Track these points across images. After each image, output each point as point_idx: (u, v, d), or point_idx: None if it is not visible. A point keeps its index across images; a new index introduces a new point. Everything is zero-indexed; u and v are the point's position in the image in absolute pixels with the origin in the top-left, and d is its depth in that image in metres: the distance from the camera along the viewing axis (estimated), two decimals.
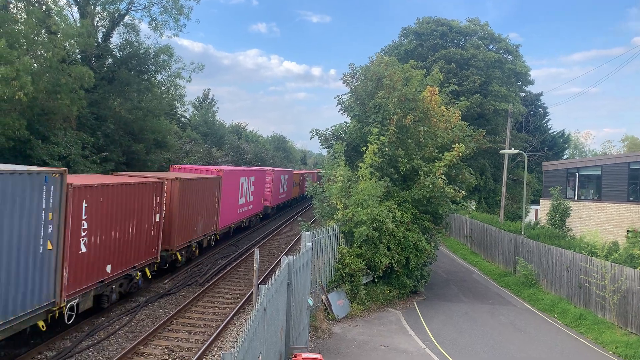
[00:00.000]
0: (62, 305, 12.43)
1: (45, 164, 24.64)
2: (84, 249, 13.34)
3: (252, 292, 16.85)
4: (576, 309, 18.98)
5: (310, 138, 30.27)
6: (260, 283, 16.26)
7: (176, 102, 41.57)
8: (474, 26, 48.25)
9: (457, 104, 24.89)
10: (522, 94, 52.38)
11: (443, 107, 22.57)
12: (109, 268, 14.87)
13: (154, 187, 17.78)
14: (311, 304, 13.58)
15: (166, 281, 19.70)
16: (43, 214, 11.43)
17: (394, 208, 19.32)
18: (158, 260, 18.60)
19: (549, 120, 59.31)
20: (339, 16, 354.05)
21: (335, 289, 17.14)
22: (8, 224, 10.31)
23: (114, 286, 15.54)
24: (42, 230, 11.41)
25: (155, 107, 35.65)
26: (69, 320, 12.90)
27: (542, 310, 19.98)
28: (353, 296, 17.57)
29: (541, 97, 58.43)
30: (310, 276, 14.22)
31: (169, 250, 19.58)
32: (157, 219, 18.10)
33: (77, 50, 30.37)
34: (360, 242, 17.91)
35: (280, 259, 21.77)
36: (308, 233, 14.62)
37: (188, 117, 63.82)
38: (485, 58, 44.18)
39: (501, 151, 30.30)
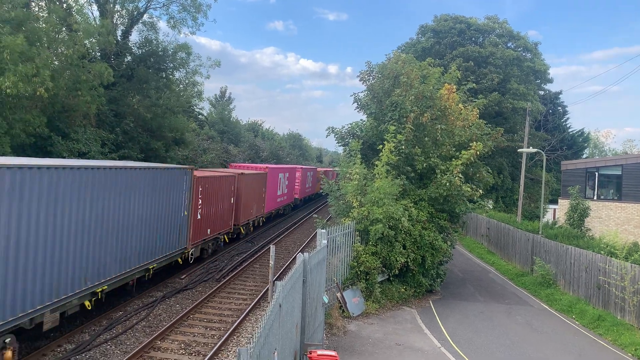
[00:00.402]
0: (188, 250, 19.72)
1: None
2: (199, 217, 20.72)
3: (267, 289, 16.94)
4: (595, 310, 18.75)
5: (327, 136, 30.70)
6: (275, 279, 16.35)
7: (194, 98, 41.96)
8: (493, 24, 47.82)
9: (475, 102, 24.70)
10: (541, 92, 51.79)
11: (461, 105, 22.41)
12: (208, 231, 22.18)
13: (232, 179, 25.39)
14: (326, 301, 13.61)
15: (183, 277, 19.89)
16: (183, 194, 18.81)
17: (410, 206, 19.25)
18: (231, 231, 25.98)
19: (568, 119, 58.62)
20: (355, 14, 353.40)
21: (350, 286, 17.15)
22: (171, 198, 17.83)
23: (210, 244, 22.95)
24: (183, 203, 18.89)
25: (174, 105, 35.98)
26: (191, 260, 20.41)
27: (560, 311, 19.77)
28: (368, 294, 17.56)
29: (560, 96, 57.72)
30: (325, 274, 14.25)
31: (237, 225, 26.72)
32: (232, 201, 25.50)
33: (97, 48, 30.73)
34: (375, 241, 17.89)
35: (295, 256, 21.85)
36: (323, 231, 14.65)
37: (205, 114, 64.26)
38: (504, 56, 43.76)
39: (519, 150, 29.99)
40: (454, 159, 20.16)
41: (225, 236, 25.04)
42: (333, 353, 10.51)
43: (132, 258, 15.33)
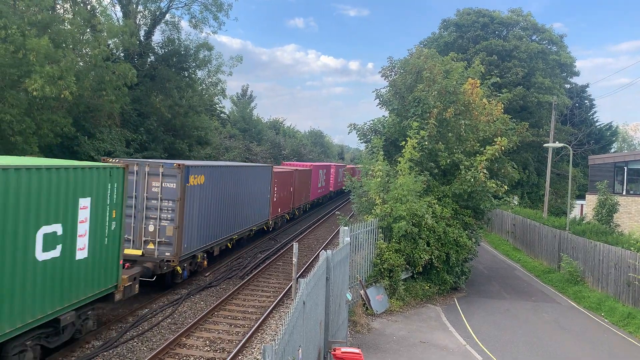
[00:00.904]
0: (269, 222, 28.43)
1: (92, 159, 25.46)
2: (275, 199, 29.38)
3: (290, 286, 16.96)
4: (624, 307, 18.32)
5: (348, 133, 30.93)
6: (299, 277, 16.36)
7: (218, 96, 42.34)
8: (516, 17, 47.04)
9: (499, 96, 24.33)
10: (567, 86, 50.76)
11: (485, 100, 22.09)
12: (279, 210, 30.93)
13: (291, 173, 34.15)
14: (350, 298, 13.57)
15: (207, 274, 20.06)
16: (268, 183, 27.60)
17: (434, 203, 19.06)
18: (290, 211, 34.63)
19: (595, 112, 57.42)
20: (377, 9, 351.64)
21: (374, 284, 17.07)
22: (259, 187, 25.84)
23: (279, 220, 31.59)
24: (268, 189, 27.65)
25: (196, 104, 36.28)
26: (271, 231, 29.85)
27: (588, 309, 19.38)
28: (392, 291, 17.46)
29: (587, 89, 56.53)
30: (348, 271, 14.20)
31: (293, 208, 35.47)
32: (291, 190, 34.14)
33: (121, 48, 31.18)
34: (399, 238, 17.76)
35: (318, 253, 21.85)
36: (346, 228, 14.59)
37: (227, 113, 64.71)
38: (528, 49, 43.02)
39: (545, 145, 29.46)
40: (478, 155, 19.89)
41: (287, 215, 33.86)
42: (357, 350, 10.46)
43: (245, 222, 23.98)
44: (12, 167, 9.10)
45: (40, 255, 9.99)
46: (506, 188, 20.49)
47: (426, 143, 19.45)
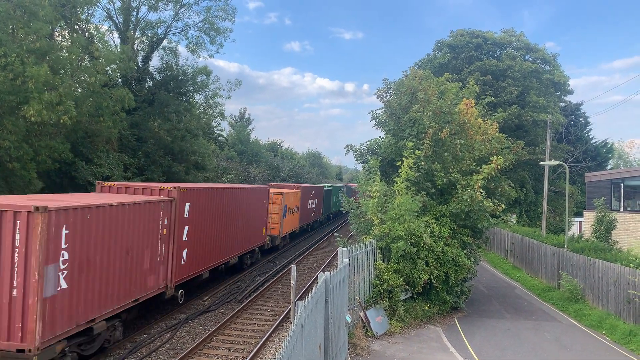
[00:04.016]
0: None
1: (90, 185, 25.48)
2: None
3: (289, 309, 16.86)
4: (625, 324, 18.23)
5: (345, 153, 30.88)
6: (297, 300, 16.27)
7: (216, 118, 42.60)
8: (509, 37, 47.65)
9: (494, 115, 24.52)
10: (562, 104, 51.20)
11: (480, 120, 22.27)
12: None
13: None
14: (349, 320, 13.50)
15: (205, 298, 19.93)
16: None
17: (432, 223, 19.07)
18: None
19: (590, 130, 57.85)
20: (371, 32, 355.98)
21: (373, 305, 16.98)
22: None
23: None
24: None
25: (194, 127, 36.46)
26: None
27: (589, 327, 19.27)
28: (392, 313, 17.35)
29: (582, 107, 56.99)
30: (347, 293, 14.15)
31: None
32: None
33: (118, 74, 31.46)
34: (397, 258, 17.73)
35: (317, 276, 21.76)
36: (345, 249, 14.57)
37: (225, 135, 65.01)
38: (522, 68, 43.50)
39: (541, 163, 29.59)
40: (474, 174, 19.97)
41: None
42: None
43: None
44: None
45: None
46: (503, 207, 20.52)
47: (422, 163, 19.53)
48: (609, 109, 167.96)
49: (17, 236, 10.36)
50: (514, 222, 37.95)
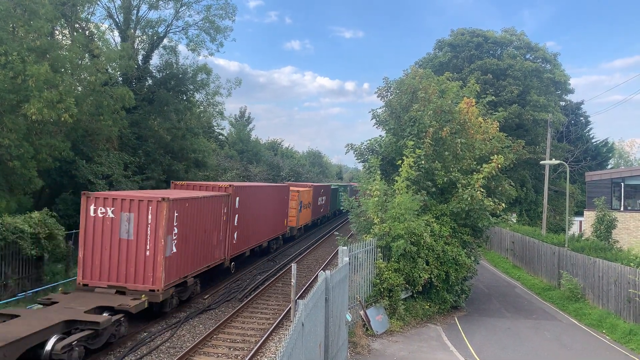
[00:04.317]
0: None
1: (91, 183, 25.47)
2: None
3: (290, 308, 16.87)
4: (626, 324, 18.23)
5: (346, 152, 30.86)
6: (298, 298, 16.26)
7: (215, 119, 42.59)
8: (510, 36, 47.62)
9: (495, 114, 24.50)
10: (562, 103, 51.19)
11: (480, 119, 22.25)
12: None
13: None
14: (349, 319, 13.50)
15: (206, 297, 19.94)
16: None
17: (432, 222, 19.06)
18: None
19: (591, 129, 57.78)
20: (372, 31, 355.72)
21: (373, 304, 16.98)
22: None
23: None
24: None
25: (194, 126, 36.43)
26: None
27: (589, 326, 19.28)
28: (392, 311, 17.36)
29: (582, 106, 57.01)
30: (348, 291, 14.14)
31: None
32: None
33: (119, 72, 31.43)
34: (398, 257, 17.72)
35: (317, 274, 21.76)
36: (345, 248, 14.57)
37: (226, 134, 65.01)
38: (523, 68, 43.45)
39: (541, 162, 29.58)
40: (475, 173, 19.96)
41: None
42: None
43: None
44: None
45: None
46: (503, 206, 20.51)
47: (422, 162, 19.52)
48: (609, 109, 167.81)
49: (149, 216, 15.74)
50: (515, 221, 37.94)
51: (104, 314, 13.55)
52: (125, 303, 14.28)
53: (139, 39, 35.31)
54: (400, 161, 19.29)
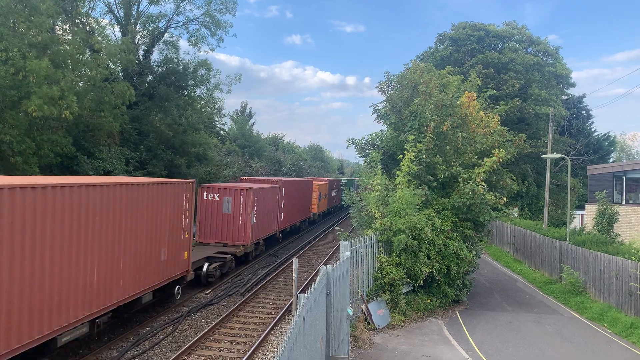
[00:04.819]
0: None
1: None
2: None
3: (291, 302, 16.92)
4: (627, 317, 18.26)
5: (347, 147, 31.07)
6: (299, 292, 16.33)
7: (215, 115, 42.59)
8: (512, 30, 47.44)
9: (496, 108, 24.46)
10: (564, 97, 51.05)
11: (482, 113, 22.22)
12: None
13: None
14: (351, 313, 13.54)
15: (208, 291, 20.01)
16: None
17: (433, 216, 19.08)
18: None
19: (592, 122, 57.71)
20: (373, 25, 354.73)
21: (375, 298, 17.03)
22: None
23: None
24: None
25: (195, 121, 36.43)
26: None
27: (591, 319, 19.31)
28: (393, 306, 17.40)
29: (584, 100, 56.91)
30: (349, 286, 14.19)
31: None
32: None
33: (119, 67, 31.40)
34: (399, 251, 17.76)
35: (319, 269, 21.81)
36: (346, 242, 14.61)
37: (227, 129, 65.00)
38: (524, 61, 43.33)
39: (543, 156, 29.53)
40: (476, 167, 19.95)
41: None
42: None
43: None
44: None
45: None
46: (505, 200, 20.52)
47: (424, 156, 19.52)
48: (611, 102, 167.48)
49: (242, 199, 24.80)
50: (516, 215, 37.92)
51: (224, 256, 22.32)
52: (230, 251, 23.03)
53: (140, 34, 35.25)
54: (401, 155, 19.28)
